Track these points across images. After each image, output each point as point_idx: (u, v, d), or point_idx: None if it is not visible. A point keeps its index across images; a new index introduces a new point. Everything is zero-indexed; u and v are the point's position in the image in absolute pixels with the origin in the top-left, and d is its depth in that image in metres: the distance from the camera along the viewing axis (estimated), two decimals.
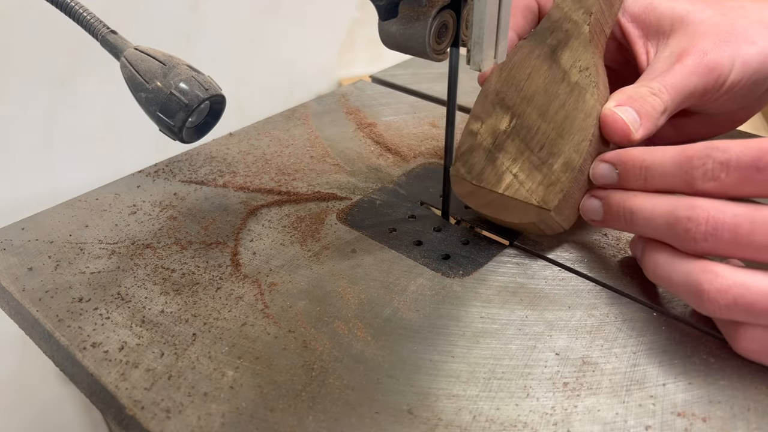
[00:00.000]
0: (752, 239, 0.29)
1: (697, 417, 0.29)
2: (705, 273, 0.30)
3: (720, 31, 0.38)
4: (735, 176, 0.30)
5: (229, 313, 0.35)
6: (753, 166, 0.29)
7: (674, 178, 0.32)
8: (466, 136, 0.41)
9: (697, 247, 0.30)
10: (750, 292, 0.29)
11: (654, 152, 0.34)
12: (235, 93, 0.97)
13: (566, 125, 0.37)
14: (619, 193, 0.35)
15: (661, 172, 0.33)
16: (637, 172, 0.34)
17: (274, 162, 0.50)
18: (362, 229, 0.42)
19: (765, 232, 0.29)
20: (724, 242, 0.30)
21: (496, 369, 0.31)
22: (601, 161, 0.36)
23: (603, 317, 0.34)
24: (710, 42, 0.38)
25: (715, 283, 0.29)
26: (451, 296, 0.36)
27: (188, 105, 0.37)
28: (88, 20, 0.40)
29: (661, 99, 0.37)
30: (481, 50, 0.35)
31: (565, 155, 0.37)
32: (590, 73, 0.38)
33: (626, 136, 0.36)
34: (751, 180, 0.30)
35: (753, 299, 0.28)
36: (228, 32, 0.94)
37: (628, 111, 0.36)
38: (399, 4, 0.35)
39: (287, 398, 0.30)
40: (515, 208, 0.38)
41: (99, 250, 0.40)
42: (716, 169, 0.30)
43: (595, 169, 0.37)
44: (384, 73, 0.65)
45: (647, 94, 0.37)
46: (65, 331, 0.34)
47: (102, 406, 0.32)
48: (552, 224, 0.38)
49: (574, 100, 0.38)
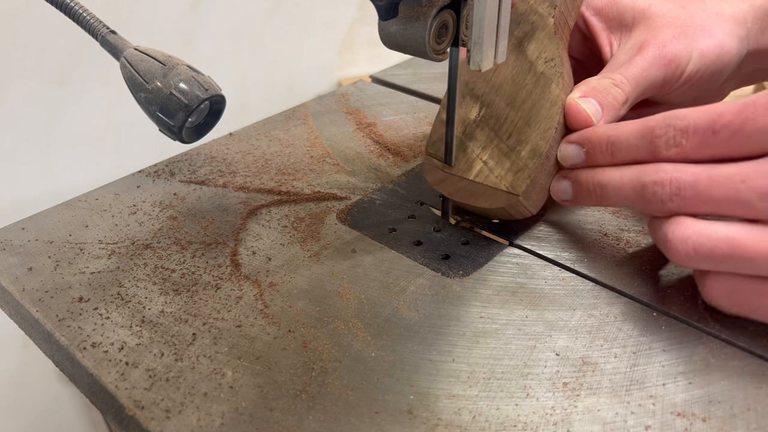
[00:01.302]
0: (712, 194, 0.31)
1: (697, 417, 0.29)
2: (670, 224, 0.32)
3: (679, 24, 0.40)
4: (694, 141, 0.32)
5: (229, 313, 0.35)
6: (709, 130, 0.32)
7: (639, 149, 0.35)
8: (438, 125, 0.42)
9: (665, 208, 0.33)
10: (709, 240, 0.31)
11: (617, 128, 0.36)
12: (235, 93, 0.97)
13: (533, 114, 0.39)
14: (587, 171, 0.37)
15: (626, 146, 0.35)
16: (603, 149, 0.36)
17: (274, 162, 0.50)
18: (362, 229, 0.42)
19: (722, 187, 0.31)
20: (688, 200, 0.32)
21: (496, 369, 0.31)
22: (568, 143, 0.38)
23: (603, 317, 0.34)
24: (669, 34, 0.40)
25: (677, 233, 0.32)
26: (451, 296, 0.36)
27: (188, 105, 0.37)
28: (88, 20, 0.40)
29: (623, 90, 0.39)
30: (481, 50, 0.35)
31: (532, 142, 0.38)
32: (555, 63, 0.40)
33: (588, 126, 0.38)
34: (709, 143, 0.32)
35: (711, 246, 0.31)
36: (228, 32, 0.94)
37: (591, 102, 0.38)
38: (399, 4, 0.35)
39: (287, 398, 0.30)
40: (485, 194, 0.39)
41: (99, 250, 0.40)
42: (677, 136, 0.33)
43: (563, 152, 0.38)
44: (384, 73, 0.65)
45: (609, 85, 0.39)
46: (65, 331, 0.34)
47: (102, 406, 0.32)
48: (520, 209, 0.39)
49: (541, 90, 0.39)
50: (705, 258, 0.31)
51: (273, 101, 1.05)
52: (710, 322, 0.34)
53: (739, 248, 0.30)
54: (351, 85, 0.63)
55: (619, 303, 0.35)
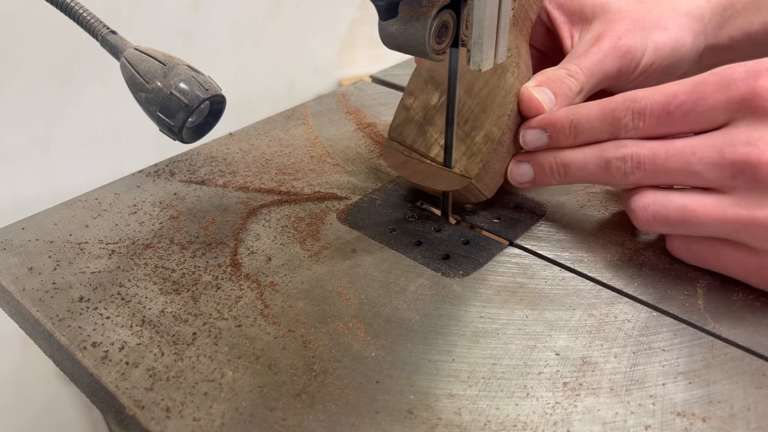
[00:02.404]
0: (668, 167, 0.34)
1: (697, 417, 0.29)
2: (633, 195, 0.36)
3: (635, 18, 0.43)
4: (651, 121, 0.35)
5: (229, 313, 0.35)
6: (664, 111, 0.35)
7: (600, 131, 0.37)
8: (400, 110, 0.44)
9: (628, 181, 0.36)
10: (664, 208, 0.35)
11: (579, 110, 0.38)
12: (235, 93, 0.97)
13: (488, 101, 0.40)
14: (548, 153, 0.39)
15: (588, 128, 0.37)
16: (566, 131, 0.38)
17: (274, 162, 0.50)
18: (362, 229, 0.42)
19: (676, 160, 0.34)
20: (648, 172, 0.35)
21: (496, 369, 0.31)
22: (529, 128, 0.40)
23: (603, 317, 0.34)
24: (625, 27, 0.42)
25: (638, 202, 0.36)
26: (451, 296, 0.36)
27: (188, 105, 0.37)
28: (88, 20, 0.40)
29: (577, 80, 0.41)
30: (481, 50, 0.35)
31: (486, 129, 0.40)
32: (512, 54, 0.41)
33: (540, 113, 0.40)
34: (664, 122, 0.35)
35: (667, 213, 0.34)
36: (228, 32, 0.94)
37: (544, 91, 0.40)
38: (399, 4, 0.35)
39: (287, 398, 0.30)
40: (441, 177, 0.41)
41: (99, 250, 0.40)
42: (635, 118, 0.35)
43: (526, 137, 0.40)
44: (384, 73, 0.65)
45: (564, 75, 0.41)
46: (65, 331, 0.34)
47: (102, 406, 0.32)
48: (475, 192, 0.41)
49: (497, 79, 0.40)
50: (663, 224, 0.35)
51: (273, 101, 1.05)
52: (710, 322, 0.34)
53: (691, 215, 0.34)
54: (351, 85, 0.63)
55: (619, 303, 0.35)
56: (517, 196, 0.45)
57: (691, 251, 0.36)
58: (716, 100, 0.33)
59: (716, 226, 0.33)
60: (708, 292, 0.36)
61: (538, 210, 0.43)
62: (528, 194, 0.45)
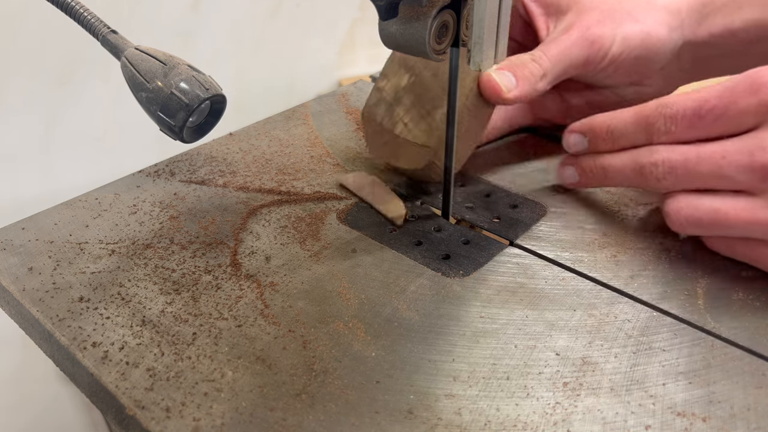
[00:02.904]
0: (699, 171, 0.35)
1: (697, 417, 0.29)
2: (668, 197, 0.37)
3: (606, 9, 0.44)
4: (683, 126, 0.36)
5: (229, 313, 0.35)
6: (696, 115, 0.36)
7: (636, 136, 0.38)
8: (374, 91, 0.45)
9: (661, 185, 0.37)
10: (697, 211, 0.36)
11: (615, 117, 0.39)
12: (235, 93, 0.97)
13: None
14: (589, 157, 0.41)
15: (624, 133, 0.39)
16: (604, 136, 0.40)
17: (274, 162, 0.50)
18: (362, 229, 0.42)
19: (707, 164, 0.35)
20: (680, 177, 0.36)
21: (496, 369, 0.31)
22: (571, 132, 0.42)
23: (603, 317, 0.34)
24: (595, 18, 0.43)
25: (672, 205, 0.37)
26: (451, 296, 0.36)
27: (189, 105, 0.37)
28: (88, 20, 0.40)
29: (541, 65, 0.42)
30: (481, 50, 0.35)
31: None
32: None
33: (497, 94, 0.41)
34: (696, 126, 0.36)
35: (700, 216, 0.36)
36: (228, 32, 0.94)
37: (504, 74, 0.41)
38: (399, 4, 0.35)
39: (287, 398, 0.30)
40: (405, 155, 0.44)
41: (99, 250, 0.40)
42: (668, 123, 0.37)
43: (569, 140, 0.42)
44: None
45: (527, 60, 0.42)
46: (65, 331, 0.34)
47: (102, 406, 0.32)
48: (437, 170, 0.43)
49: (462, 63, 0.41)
50: (696, 226, 0.36)
51: (273, 101, 1.05)
52: (710, 322, 0.34)
53: (723, 217, 0.35)
54: (351, 85, 0.63)
55: (619, 303, 0.35)
56: (517, 196, 0.45)
57: (730, 248, 0.37)
58: (747, 103, 0.34)
59: (748, 227, 0.34)
60: (708, 292, 0.36)
61: (538, 210, 0.43)
62: (528, 194, 0.45)
